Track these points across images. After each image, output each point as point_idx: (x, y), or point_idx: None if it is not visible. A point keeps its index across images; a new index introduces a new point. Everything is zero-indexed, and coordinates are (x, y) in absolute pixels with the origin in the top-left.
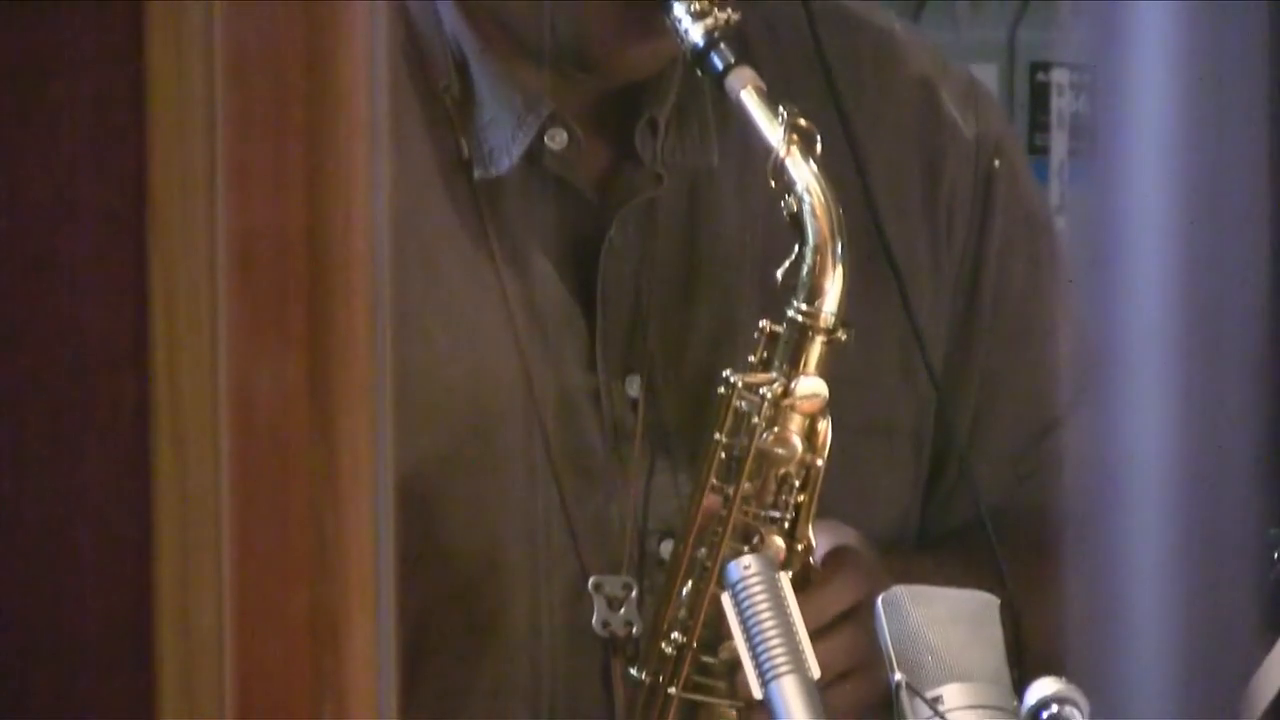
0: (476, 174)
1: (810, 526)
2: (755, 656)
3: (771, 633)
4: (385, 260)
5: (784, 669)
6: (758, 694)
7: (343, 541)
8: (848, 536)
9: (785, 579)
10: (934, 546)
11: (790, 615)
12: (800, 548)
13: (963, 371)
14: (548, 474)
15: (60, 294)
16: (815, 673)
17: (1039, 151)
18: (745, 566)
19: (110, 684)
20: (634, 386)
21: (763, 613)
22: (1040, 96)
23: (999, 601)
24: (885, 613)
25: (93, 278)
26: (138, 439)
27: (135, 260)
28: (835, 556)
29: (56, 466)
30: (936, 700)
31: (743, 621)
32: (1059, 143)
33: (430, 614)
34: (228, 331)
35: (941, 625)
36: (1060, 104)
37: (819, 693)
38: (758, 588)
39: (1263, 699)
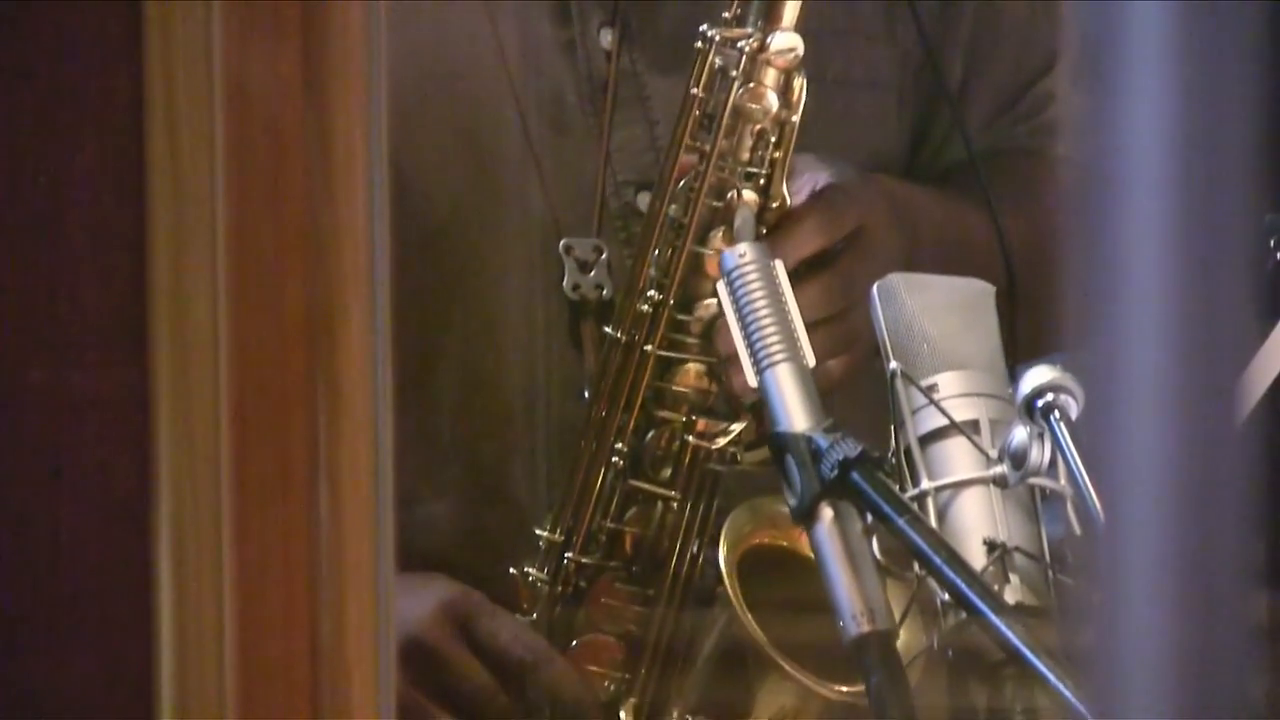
0: None
1: (785, 181)
2: (750, 344)
3: (766, 321)
4: None
5: (779, 357)
6: (752, 382)
7: (337, 232)
8: (829, 174)
9: (780, 267)
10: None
11: (785, 303)
12: (775, 204)
13: (952, 18)
14: (520, 128)
15: None
16: (810, 361)
17: None
18: (740, 254)
19: (106, 377)
20: (609, 38)
21: (757, 301)
22: None
23: (994, 289)
24: (880, 300)
25: None
26: (131, 130)
27: None
28: (812, 197)
29: (51, 159)
30: (932, 388)
31: (737, 310)
32: None
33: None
34: (222, 22)
35: (937, 313)
36: None
37: (814, 381)
38: (753, 276)
39: (1261, 383)
